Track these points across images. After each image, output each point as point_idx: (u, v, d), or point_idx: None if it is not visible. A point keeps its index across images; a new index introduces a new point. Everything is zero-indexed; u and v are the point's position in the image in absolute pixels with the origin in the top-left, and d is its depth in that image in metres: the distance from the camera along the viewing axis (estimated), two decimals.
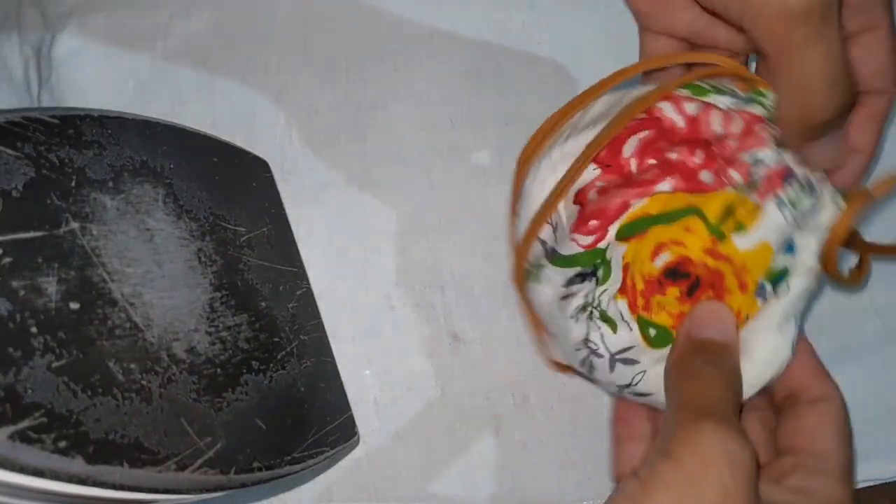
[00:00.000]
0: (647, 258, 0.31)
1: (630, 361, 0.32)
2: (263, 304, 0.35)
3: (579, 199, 0.32)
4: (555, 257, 0.32)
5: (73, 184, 0.29)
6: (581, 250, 0.31)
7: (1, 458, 0.23)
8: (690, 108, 0.31)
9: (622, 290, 0.31)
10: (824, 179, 0.31)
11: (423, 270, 0.41)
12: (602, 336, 0.32)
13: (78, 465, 0.24)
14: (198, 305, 0.32)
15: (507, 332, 0.41)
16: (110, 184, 0.30)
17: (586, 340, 0.33)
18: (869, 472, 0.40)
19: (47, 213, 0.27)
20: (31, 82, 0.44)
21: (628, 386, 0.33)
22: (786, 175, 0.30)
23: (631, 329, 0.32)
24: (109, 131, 0.31)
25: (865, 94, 0.31)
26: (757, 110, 0.31)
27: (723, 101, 0.31)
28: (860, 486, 0.40)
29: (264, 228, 0.38)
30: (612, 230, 0.31)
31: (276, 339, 0.35)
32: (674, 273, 0.31)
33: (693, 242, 0.30)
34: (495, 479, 0.40)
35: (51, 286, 0.26)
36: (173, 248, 0.32)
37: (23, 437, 0.23)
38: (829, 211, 0.31)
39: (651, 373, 0.32)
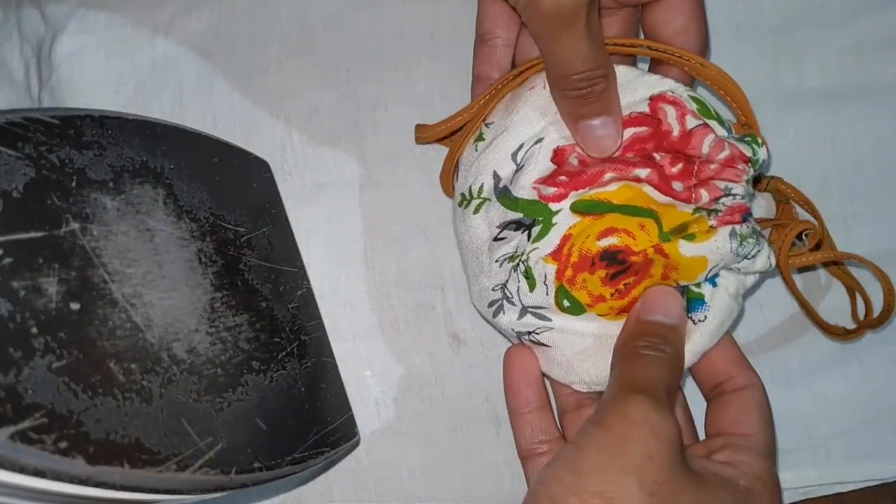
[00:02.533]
0: (594, 235, 0.33)
1: (542, 317, 0.35)
2: (264, 304, 0.35)
3: (558, 157, 0.34)
4: (502, 194, 0.34)
5: (73, 184, 0.29)
6: (533, 198, 0.34)
7: (1, 458, 0.23)
8: (691, 122, 0.33)
9: (555, 256, 0.33)
10: (765, 237, 0.34)
11: (423, 270, 0.41)
12: (519, 289, 0.34)
13: (78, 465, 0.24)
14: (198, 306, 0.32)
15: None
16: (110, 184, 0.30)
17: (504, 287, 0.35)
18: (869, 472, 0.40)
19: (47, 213, 0.27)
20: (31, 83, 0.44)
21: (530, 333, 0.36)
22: (746, 213, 0.33)
23: (548, 294, 0.34)
24: (109, 132, 0.31)
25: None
26: (746, 150, 0.33)
27: (720, 130, 0.34)
28: (860, 486, 0.40)
29: (264, 228, 0.38)
30: (572, 197, 0.33)
31: (277, 340, 0.35)
32: (611, 256, 0.33)
33: (642, 239, 0.33)
34: (495, 479, 0.40)
35: (51, 287, 0.26)
36: (173, 249, 0.32)
37: (23, 438, 0.23)
38: (762, 262, 0.34)
39: (556, 330, 0.35)
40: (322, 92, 0.43)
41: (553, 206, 0.33)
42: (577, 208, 0.33)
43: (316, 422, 0.35)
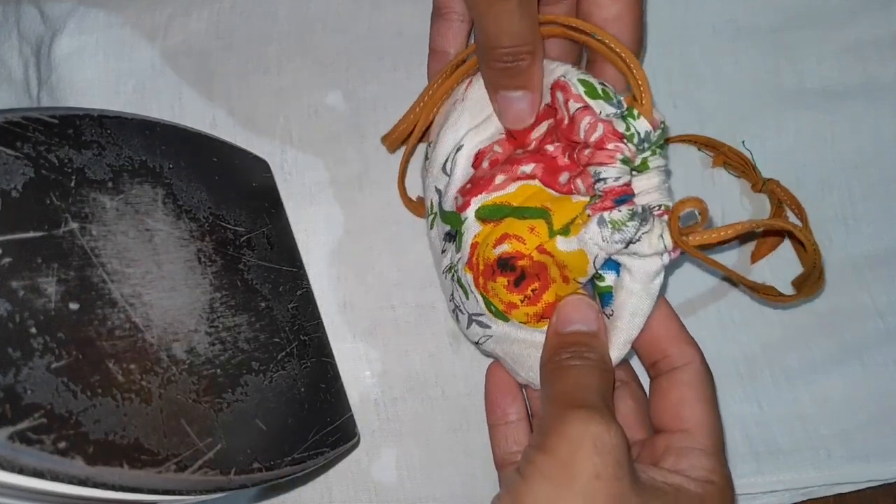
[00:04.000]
0: (491, 243, 0.33)
1: (483, 325, 0.35)
2: (263, 304, 0.35)
3: (476, 161, 0.34)
4: (441, 210, 0.35)
5: (72, 184, 0.29)
6: (454, 210, 0.34)
7: (1, 458, 0.23)
8: (573, 106, 0.32)
9: (469, 266, 0.33)
10: (660, 215, 0.32)
11: (423, 270, 0.41)
12: (460, 297, 0.35)
13: (77, 465, 0.24)
14: (198, 306, 0.31)
15: None
16: (110, 184, 0.30)
17: (451, 296, 0.36)
18: (869, 472, 0.40)
19: (47, 213, 0.27)
20: (30, 82, 0.44)
21: (478, 343, 0.36)
22: (619, 197, 0.31)
23: (478, 301, 0.34)
24: (109, 131, 0.31)
25: (601, 54, 0.34)
26: (619, 126, 0.31)
27: (607, 110, 0.31)
28: (861, 486, 0.40)
29: (264, 228, 0.38)
30: (475, 204, 0.33)
31: (276, 340, 0.35)
32: (504, 263, 0.32)
33: (531, 242, 0.32)
34: (495, 479, 0.40)
35: (50, 287, 0.26)
36: (173, 249, 0.32)
37: (22, 438, 0.23)
38: (652, 244, 0.31)
39: (495, 338, 0.35)
40: (322, 92, 0.43)
41: (462, 216, 0.34)
42: (479, 215, 0.33)
43: (316, 422, 0.35)
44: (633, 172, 0.32)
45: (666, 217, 0.31)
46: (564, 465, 0.27)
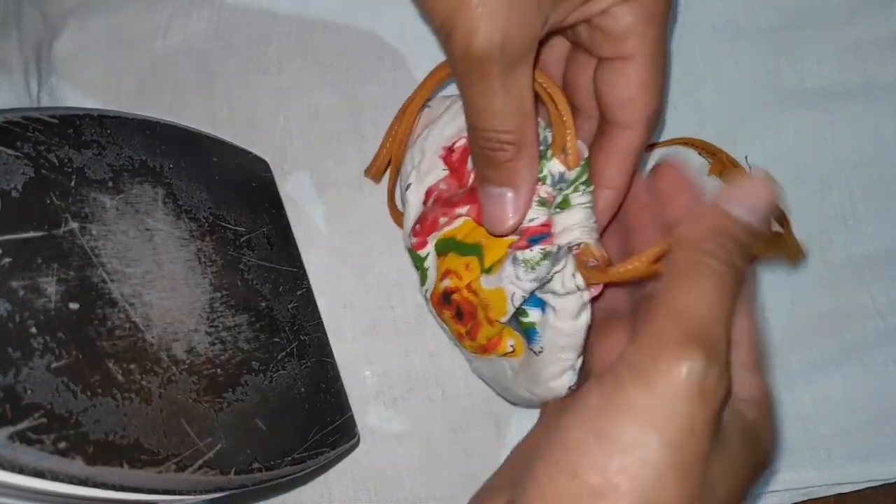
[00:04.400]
0: (439, 276, 0.33)
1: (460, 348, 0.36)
2: (263, 304, 0.35)
3: (426, 198, 0.35)
4: (406, 246, 0.36)
5: (72, 184, 0.29)
6: (409, 247, 0.35)
7: (1, 458, 0.23)
8: None
9: (432, 297, 0.35)
10: (572, 255, 0.31)
11: None
12: (439, 323, 0.36)
13: (77, 465, 0.24)
14: (198, 306, 0.31)
15: None
16: (110, 184, 0.30)
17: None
18: (870, 473, 0.40)
19: (47, 213, 0.27)
20: (30, 82, 0.44)
21: (469, 360, 0.37)
22: (533, 238, 0.31)
23: (444, 329, 0.36)
24: (109, 131, 0.31)
25: (612, 127, 0.32)
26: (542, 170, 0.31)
27: None
28: (861, 486, 0.40)
29: (264, 228, 0.38)
30: (433, 240, 0.34)
31: (276, 340, 0.35)
32: (447, 297, 0.33)
33: (465, 278, 0.32)
34: None
35: (50, 286, 0.26)
36: (173, 249, 0.32)
37: (22, 438, 0.23)
38: (566, 284, 0.30)
39: (473, 361, 0.36)
40: (322, 92, 0.43)
41: (421, 253, 0.34)
42: (437, 249, 0.34)
43: (316, 422, 0.35)
44: (557, 209, 0.31)
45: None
46: (662, 407, 0.23)
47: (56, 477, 0.24)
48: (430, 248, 0.34)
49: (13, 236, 0.25)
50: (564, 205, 0.31)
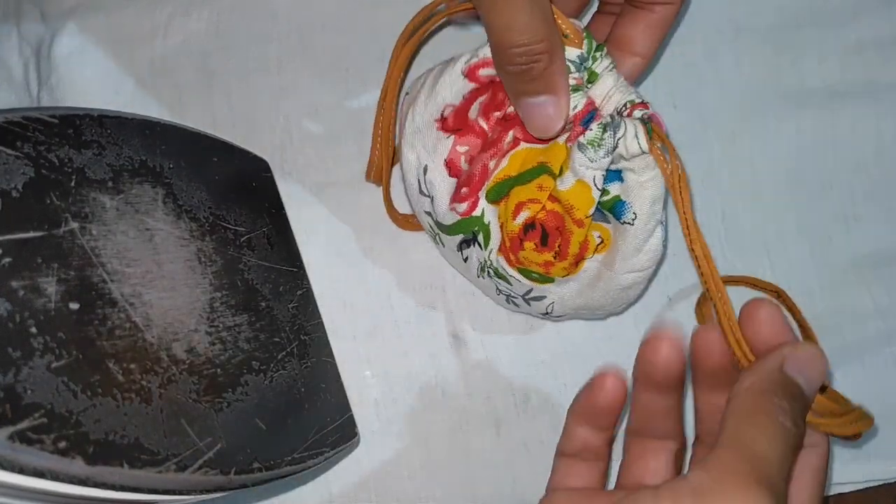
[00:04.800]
0: (510, 217, 0.34)
1: (538, 298, 0.36)
2: (263, 304, 0.35)
3: (453, 172, 0.35)
4: (440, 227, 0.36)
5: (72, 184, 0.28)
6: (459, 219, 0.35)
7: (1, 458, 0.23)
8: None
9: (500, 248, 0.35)
10: (629, 114, 0.32)
11: (423, 270, 0.41)
12: (506, 287, 0.36)
13: (78, 465, 0.24)
14: (198, 305, 0.31)
15: (507, 332, 0.41)
16: (110, 184, 0.30)
17: (498, 290, 0.37)
18: (870, 473, 0.40)
19: (47, 213, 0.27)
20: (30, 82, 0.44)
21: (547, 314, 0.37)
22: (585, 118, 0.32)
23: (519, 280, 0.35)
24: (109, 131, 0.31)
25: (654, 4, 0.34)
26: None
27: None
28: (861, 486, 0.40)
29: (264, 228, 0.38)
30: (483, 195, 0.34)
31: (277, 340, 0.35)
32: (529, 228, 0.34)
33: (543, 197, 0.33)
34: (495, 480, 0.40)
35: (50, 286, 0.26)
36: (173, 248, 0.32)
37: (23, 438, 0.23)
38: (627, 147, 0.31)
39: (559, 300, 0.36)
40: (322, 92, 0.43)
41: (476, 214, 0.35)
42: (490, 199, 0.34)
43: (316, 422, 0.35)
44: (588, 86, 0.32)
45: (637, 113, 0.32)
46: None
47: (56, 477, 0.24)
48: (482, 203, 0.34)
49: (13, 236, 0.25)
50: (592, 78, 0.32)
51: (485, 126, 0.34)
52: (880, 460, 0.40)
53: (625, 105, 0.32)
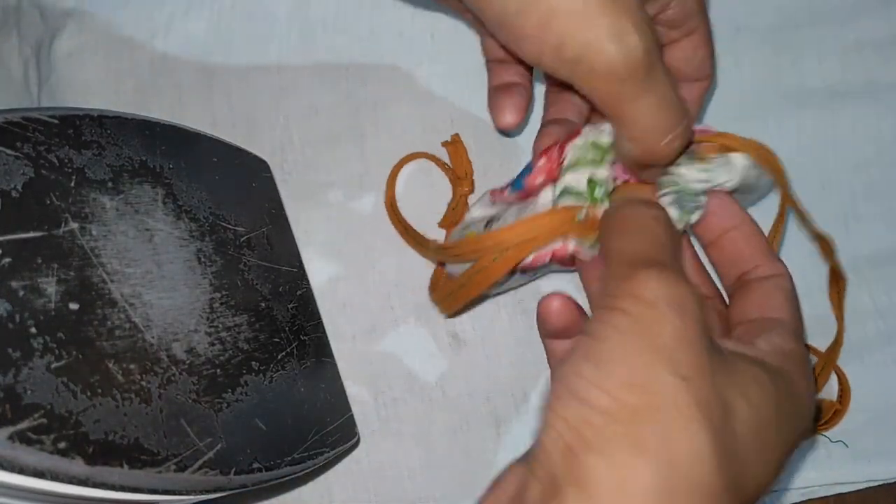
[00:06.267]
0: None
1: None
2: (263, 304, 0.35)
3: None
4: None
5: (72, 184, 0.28)
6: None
7: (1, 458, 0.23)
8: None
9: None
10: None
11: (423, 270, 0.41)
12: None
13: (77, 465, 0.24)
14: (197, 306, 0.31)
15: (508, 332, 0.41)
16: (109, 184, 0.30)
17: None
18: (870, 473, 0.40)
19: (46, 213, 0.27)
20: (30, 82, 0.44)
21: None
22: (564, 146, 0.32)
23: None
24: (109, 131, 0.31)
25: (691, 82, 0.34)
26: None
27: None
28: (861, 486, 0.40)
29: (264, 228, 0.38)
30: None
31: (276, 340, 0.35)
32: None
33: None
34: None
35: (50, 287, 0.26)
36: (173, 249, 0.32)
37: (22, 438, 0.23)
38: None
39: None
40: (322, 92, 0.43)
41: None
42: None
43: (315, 422, 0.35)
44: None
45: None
46: (642, 324, 0.24)
47: (56, 477, 0.24)
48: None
49: (13, 236, 0.25)
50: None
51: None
52: (881, 461, 0.40)
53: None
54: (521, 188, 0.33)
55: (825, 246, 0.38)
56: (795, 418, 0.26)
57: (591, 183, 0.31)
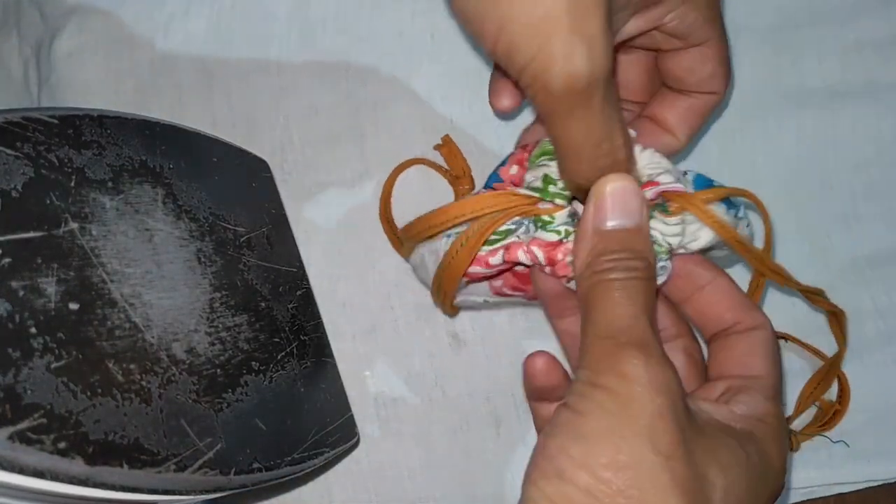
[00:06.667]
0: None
1: None
2: (263, 304, 0.35)
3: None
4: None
5: (72, 184, 0.28)
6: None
7: (1, 458, 0.23)
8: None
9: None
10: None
11: None
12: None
13: (77, 465, 0.24)
14: (197, 306, 0.31)
15: (507, 332, 0.41)
16: (109, 184, 0.30)
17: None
18: (869, 472, 0.40)
19: (46, 213, 0.27)
20: (30, 82, 0.44)
21: None
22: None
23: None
24: (109, 131, 0.31)
25: (693, 93, 0.34)
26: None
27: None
28: (862, 486, 0.40)
29: (264, 228, 0.38)
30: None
31: (276, 340, 0.35)
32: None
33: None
34: (495, 479, 0.40)
35: (50, 287, 0.26)
36: (173, 249, 0.32)
37: (22, 438, 0.23)
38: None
39: None
40: (322, 92, 0.43)
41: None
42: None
43: (315, 422, 0.35)
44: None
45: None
46: (625, 403, 0.25)
47: (56, 477, 0.24)
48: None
49: (13, 236, 0.25)
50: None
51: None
52: (881, 461, 0.40)
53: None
54: (497, 180, 0.33)
55: (816, 300, 0.38)
56: (768, 480, 0.28)
57: (547, 178, 0.31)
